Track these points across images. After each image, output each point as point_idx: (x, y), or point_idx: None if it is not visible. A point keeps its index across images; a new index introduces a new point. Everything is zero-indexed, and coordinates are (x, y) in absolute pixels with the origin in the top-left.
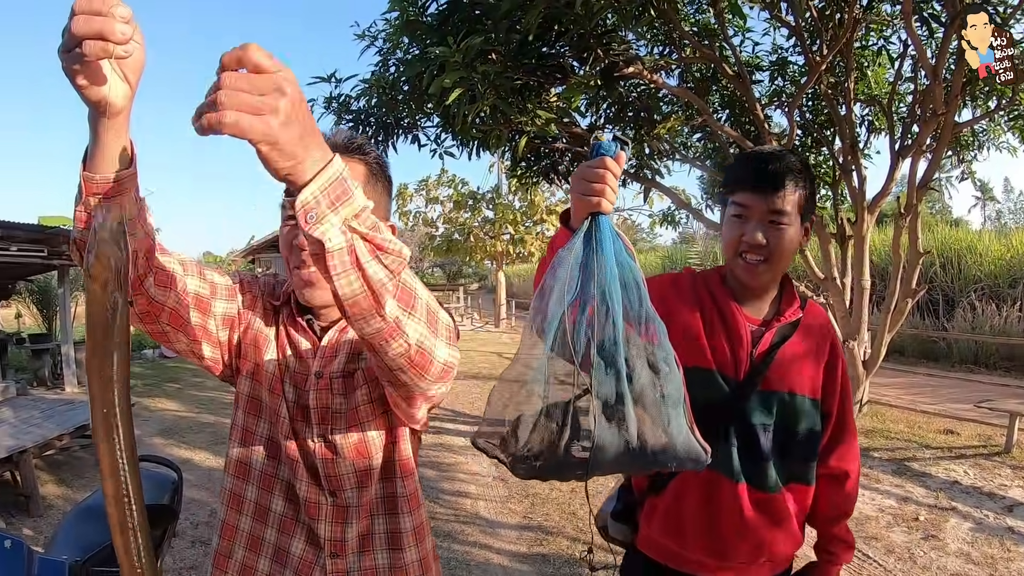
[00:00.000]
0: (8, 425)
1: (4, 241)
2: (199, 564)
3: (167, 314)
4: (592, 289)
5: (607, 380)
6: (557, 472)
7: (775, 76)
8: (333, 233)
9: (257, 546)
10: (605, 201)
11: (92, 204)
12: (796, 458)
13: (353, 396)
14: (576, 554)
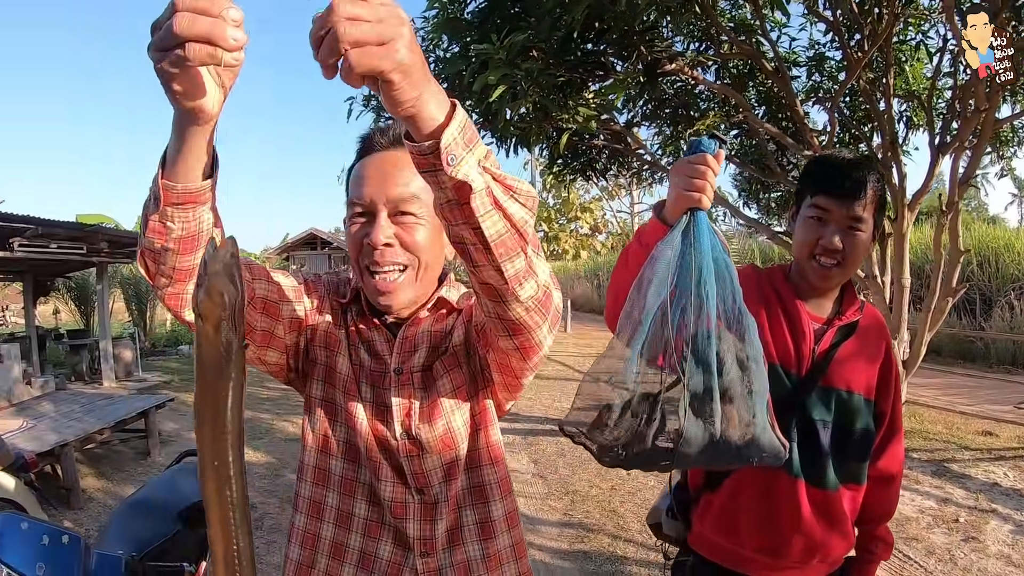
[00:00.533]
0: (49, 419)
1: (44, 239)
2: None
3: None
4: (689, 283)
5: (698, 373)
6: (643, 463)
7: (812, 72)
8: (473, 174)
9: (341, 553)
10: (705, 197)
11: (169, 215)
12: (852, 457)
13: (434, 388)
14: (618, 551)
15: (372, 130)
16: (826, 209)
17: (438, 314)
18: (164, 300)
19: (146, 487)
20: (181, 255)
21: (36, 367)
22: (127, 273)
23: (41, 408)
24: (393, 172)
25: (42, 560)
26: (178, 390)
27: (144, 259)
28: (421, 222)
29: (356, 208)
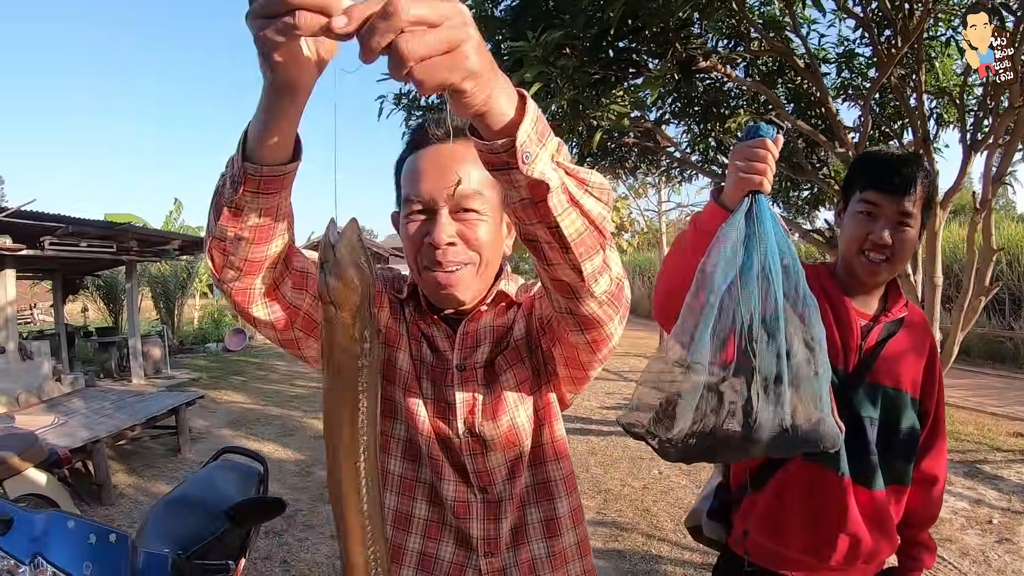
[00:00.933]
0: (80, 415)
1: (74, 237)
2: (272, 554)
3: (301, 319)
4: (754, 265)
5: (768, 356)
6: (712, 453)
7: (842, 69)
8: (548, 171)
9: (399, 556)
10: (766, 180)
11: (248, 201)
12: (898, 456)
13: (498, 384)
14: (652, 550)
15: (426, 122)
16: (876, 204)
17: (498, 308)
18: (231, 295)
19: (184, 484)
20: (255, 245)
21: (65, 364)
22: (155, 272)
23: (72, 405)
24: (452, 167)
25: (89, 559)
26: (207, 387)
27: (212, 250)
28: (484, 218)
29: (414, 205)
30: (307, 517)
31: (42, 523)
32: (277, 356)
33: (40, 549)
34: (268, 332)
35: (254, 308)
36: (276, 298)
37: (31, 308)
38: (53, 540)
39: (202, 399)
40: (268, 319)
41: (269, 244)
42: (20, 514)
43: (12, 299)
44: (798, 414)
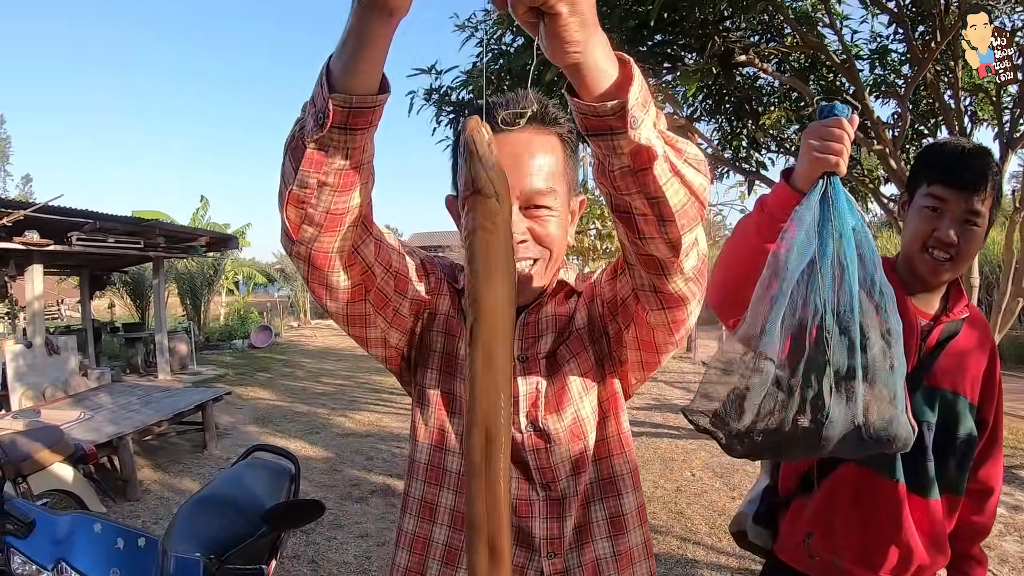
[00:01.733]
0: (106, 410)
1: (102, 233)
2: (300, 553)
3: (374, 292)
4: (829, 251)
5: (841, 348)
6: (780, 449)
7: (874, 65)
8: (653, 138)
9: (455, 558)
10: (842, 161)
11: (335, 139)
12: (953, 464)
13: (561, 375)
14: (687, 554)
15: (494, 104)
16: (943, 199)
17: (558, 297)
18: (310, 258)
19: (214, 483)
20: (339, 193)
21: (92, 359)
22: (182, 268)
23: (98, 399)
24: (527, 160)
25: (116, 565)
26: (233, 384)
27: (288, 205)
28: (554, 214)
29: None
30: (335, 516)
31: (66, 525)
32: (303, 353)
33: (64, 554)
34: (338, 305)
35: (332, 273)
36: (354, 262)
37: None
38: (78, 544)
39: (229, 395)
40: (346, 285)
41: (352, 192)
42: (43, 516)
43: (39, 294)
44: (871, 411)
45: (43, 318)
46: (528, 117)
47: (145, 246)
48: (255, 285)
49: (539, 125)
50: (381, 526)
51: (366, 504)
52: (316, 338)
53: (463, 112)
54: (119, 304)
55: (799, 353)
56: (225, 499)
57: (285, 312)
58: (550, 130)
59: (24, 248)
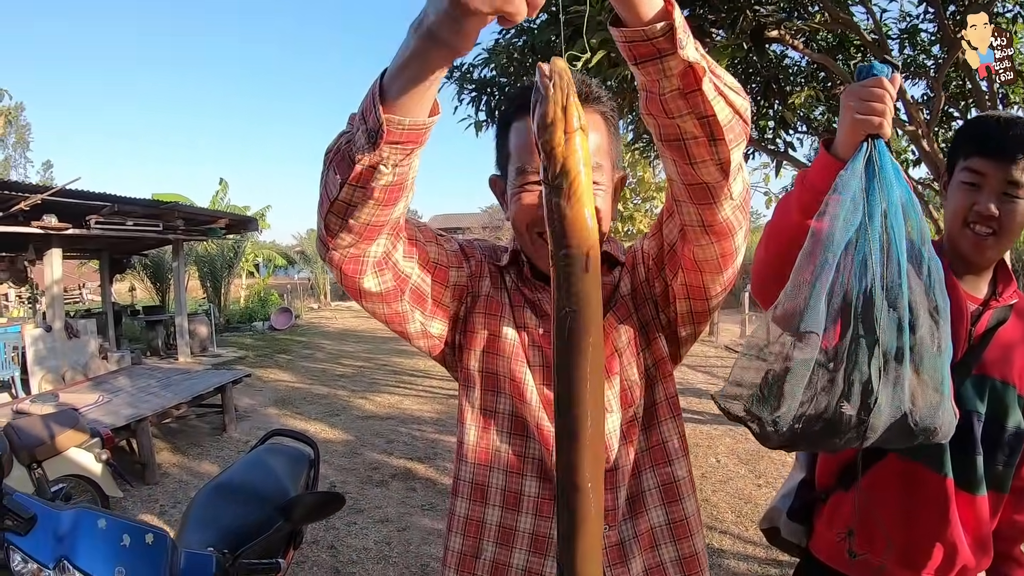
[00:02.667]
0: (126, 393)
1: (120, 216)
2: (319, 539)
3: (410, 291)
4: (876, 220)
5: (890, 328)
6: (821, 438)
7: (904, 45)
8: (698, 57)
9: (510, 539)
10: (886, 122)
11: (386, 156)
12: (1000, 458)
13: (608, 342)
14: (713, 543)
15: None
16: (981, 172)
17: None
18: (341, 265)
19: (232, 469)
20: (383, 207)
21: (112, 342)
22: (202, 251)
23: (117, 382)
24: None
25: (122, 563)
26: (253, 366)
27: (330, 215)
28: (602, 188)
29: (531, 176)
30: (355, 501)
31: (69, 521)
32: (323, 335)
33: (66, 551)
34: (375, 306)
35: (364, 279)
36: (387, 266)
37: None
38: (81, 541)
39: (248, 377)
40: (378, 290)
41: (396, 206)
42: (45, 510)
43: (58, 278)
44: (917, 397)
45: (62, 302)
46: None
47: (164, 228)
48: (275, 267)
49: (585, 103)
50: (401, 511)
51: (386, 488)
52: (336, 320)
53: (485, 90)
54: (139, 287)
55: (843, 332)
56: (242, 486)
57: (305, 294)
58: (593, 108)
59: (43, 232)
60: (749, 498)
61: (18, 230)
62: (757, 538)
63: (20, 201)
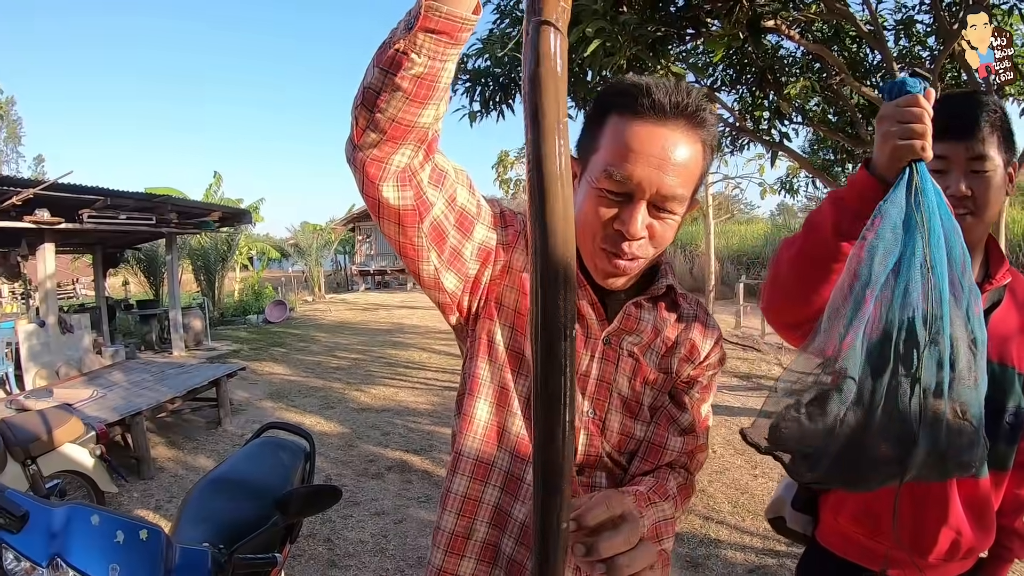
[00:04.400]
0: (120, 388)
1: (113, 210)
2: (316, 532)
3: (431, 223)
4: (917, 250)
5: (930, 363)
6: (856, 475)
7: (899, 36)
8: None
9: (503, 523)
10: (928, 144)
11: (419, 43)
12: (1002, 439)
13: (639, 387)
14: (710, 534)
15: (651, 83)
16: (944, 156)
17: (662, 305)
18: (365, 165)
19: (227, 463)
20: (411, 102)
21: (106, 337)
22: (195, 244)
23: (112, 377)
24: (674, 163)
25: (116, 560)
26: (247, 359)
27: (361, 106)
28: (676, 218)
29: (614, 185)
30: (351, 493)
31: (62, 518)
32: (318, 327)
33: (59, 549)
34: (392, 228)
35: (385, 186)
36: (410, 184)
37: (74, 283)
38: (74, 538)
39: (243, 371)
40: (397, 204)
41: (424, 108)
42: (37, 507)
43: (51, 272)
44: (953, 432)
45: (56, 297)
46: (680, 109)
47: (157, 222)
48: (269, 260)
49: (690, 123)
50: (398, 503)
51: (382, 481)
52: (331, 312)
53: (479, 80)
54: (133, 281)
55: (882, 368)
56: (238, 481)
57: (299, 287)
58: (698, 132)
59: (35, 227)
60: (746, 488)
61: (10, 225)
62: (754, 528)
63: (12, 196)
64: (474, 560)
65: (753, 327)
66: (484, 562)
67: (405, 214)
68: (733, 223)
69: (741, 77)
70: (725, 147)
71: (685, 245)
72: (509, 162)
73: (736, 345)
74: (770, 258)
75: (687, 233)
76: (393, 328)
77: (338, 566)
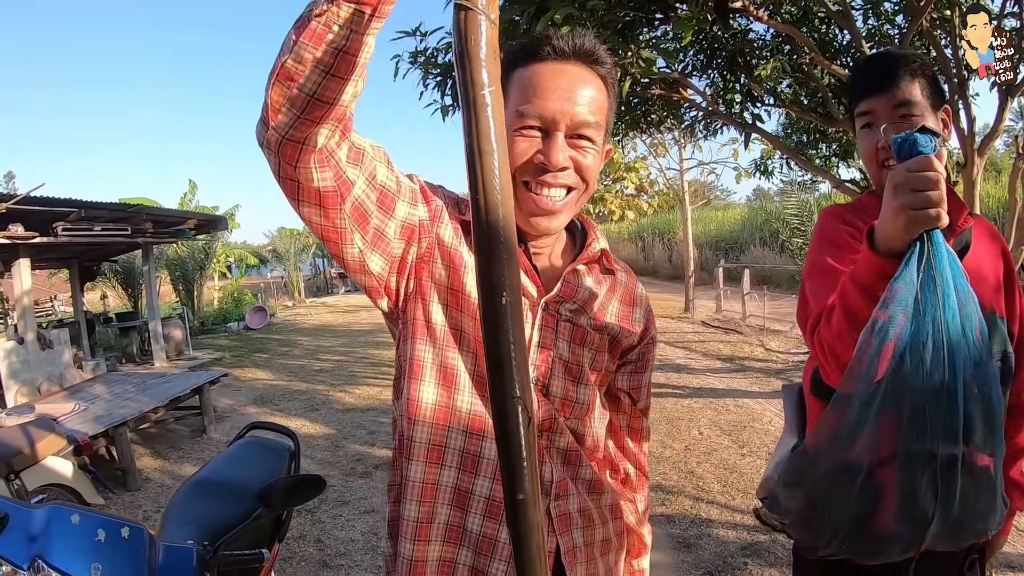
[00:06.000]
0: (102, 400)
1: (88, 222)
2: (306, 533)
3: (352, 203)
4: (931, 326)
5: (944, 441)
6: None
7: (868, 16)
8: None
9: (464, 502)
10: (943, 212)
11: (341, 15)
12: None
13: (577, 344)
14: (701, 514)
15: (544, 35)
16: (870, 111)
17: (596, 269)
18: (280, 147)
19: (210, 465)
20: (330, 77)
21: (87, 351)
22: (172, 254)
23: (94, 390)
24: (579, 90)
25: (98, 559)
26: (230, 366)
27: (276, 82)
28: (595, 147)
29: (529, 120)
30: (340, 493)
31: (42, 519)
32: (299, 332)
33: (40, 550)
34: (312, 211)
35: (301, 169)
36: (328, 164)
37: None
38: (55, 538)
39: (226, 377)
40: (317, 186)
41: (342, 84)
42: (16, 509)
43: (28, 288)
44: (968, 502)
45: (34, 313)
46: (578, 50)
47: (133, 232)
48: (248, 267)
49: (587, 62)
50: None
51: (371, 479)
52: (312, 316)
53: (450, 74)
54: (111, 294)
55: (892, 445)
56: (221, 482)
57: (279, 292)
58: (596, 69)
59: (9, 242)
60: (734, 468)
61: None
62: (744, 506)
63: None
64: (439, 543)
65: (734, 310)
66: (450, 543)
67: (326, 195)
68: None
69: (712, 61)
70: (699, 132)
71: (663, 232)
72: None
73: (718, 329)
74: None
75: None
76: (375, 328)
77: (330, 566)
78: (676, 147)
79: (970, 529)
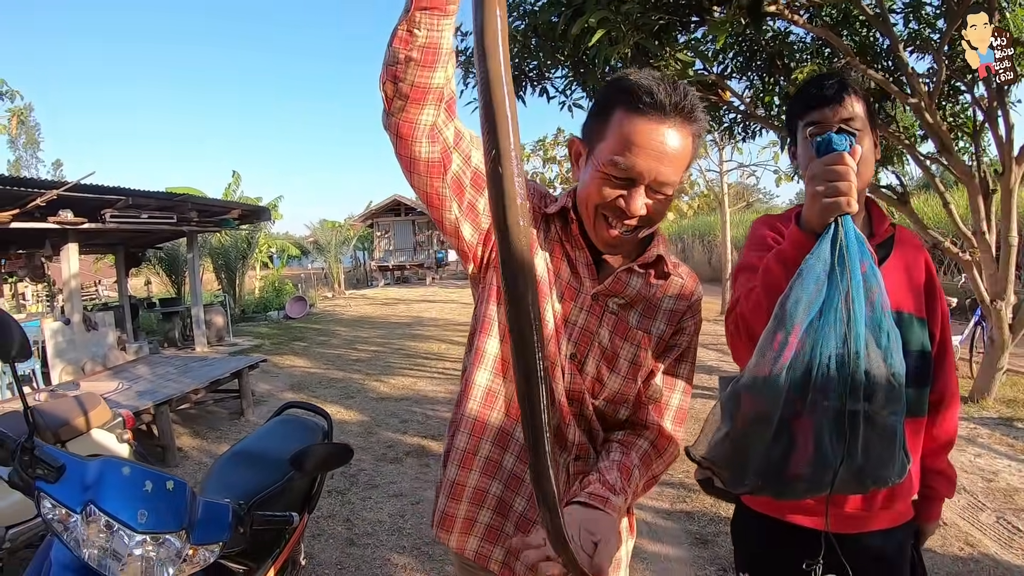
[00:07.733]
0: (145, 380)
1: (135, 209)
2: (335, 512)
3: (452, 175)
4: (838, 299)
5: (848, 396)
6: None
7: (908, 19)
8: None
9: (505, 441)
10: (853, 200)
11: (417, 20)
12: (911, 383)
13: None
14: (721, 512)
15: (653, 83)
16: (820, 121)
17: (651, 273)
18: (398, 128)
19: (249, 438)
20: (422, 67)
21: (130, 334)
22: (216, 243)
23: (136, 371)
24: (671, 155)
25: (144, 506)
26: (269, 353)
27: (385, 80)
28: (669, 195)
29: (619, 171)
30: (370, 477)
31: (95, 470)
32: (338, 322)
33: (92, 496)
34: (421, 180)
35: (417, 145)
36: (438, 140)
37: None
38: (106, 487)
39: (265, 363)
40: (427, 157)
41: (434, 70)
42: (72, 461)
43: (75, 272)
44: (871, 452)
45: (80, 296)
46: (676, 107)
47: (178, 220)
48: (289, 258)
49: (685, 119)
50: (416, 485)
51: (401, 465)
52: (350, 307)
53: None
54: (155, 281)
55: (804, 399)
56: (257, 453)
57: (319, 283)
58: (690, 127)
59: (59, 227)
60: None
61: (35, 226)
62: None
63: (36, 197)
64: (478, 473)
65: None
66: (486, 475)
67: (432, 166)
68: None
69: (751, 64)
70: (737, 134)
71: (703, 235)
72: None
73: None
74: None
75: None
76: (412, 321)
77: (356, 544)
78: (716, 149)
79: (872, 475)
